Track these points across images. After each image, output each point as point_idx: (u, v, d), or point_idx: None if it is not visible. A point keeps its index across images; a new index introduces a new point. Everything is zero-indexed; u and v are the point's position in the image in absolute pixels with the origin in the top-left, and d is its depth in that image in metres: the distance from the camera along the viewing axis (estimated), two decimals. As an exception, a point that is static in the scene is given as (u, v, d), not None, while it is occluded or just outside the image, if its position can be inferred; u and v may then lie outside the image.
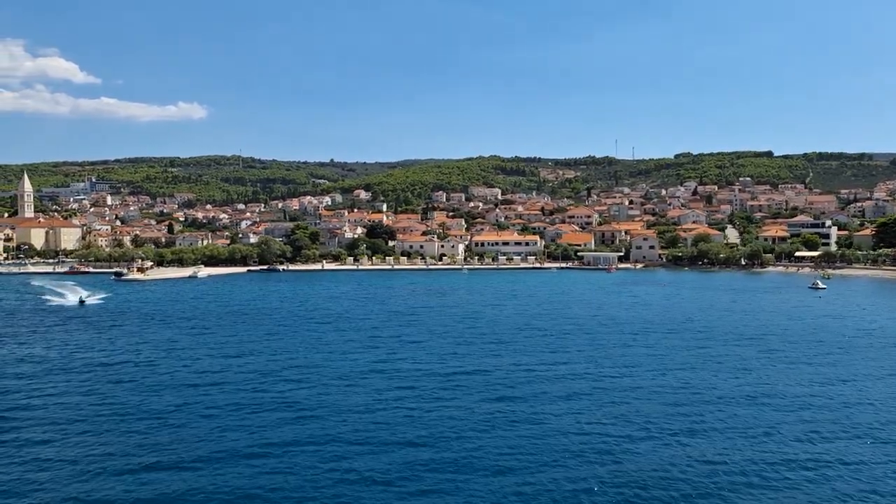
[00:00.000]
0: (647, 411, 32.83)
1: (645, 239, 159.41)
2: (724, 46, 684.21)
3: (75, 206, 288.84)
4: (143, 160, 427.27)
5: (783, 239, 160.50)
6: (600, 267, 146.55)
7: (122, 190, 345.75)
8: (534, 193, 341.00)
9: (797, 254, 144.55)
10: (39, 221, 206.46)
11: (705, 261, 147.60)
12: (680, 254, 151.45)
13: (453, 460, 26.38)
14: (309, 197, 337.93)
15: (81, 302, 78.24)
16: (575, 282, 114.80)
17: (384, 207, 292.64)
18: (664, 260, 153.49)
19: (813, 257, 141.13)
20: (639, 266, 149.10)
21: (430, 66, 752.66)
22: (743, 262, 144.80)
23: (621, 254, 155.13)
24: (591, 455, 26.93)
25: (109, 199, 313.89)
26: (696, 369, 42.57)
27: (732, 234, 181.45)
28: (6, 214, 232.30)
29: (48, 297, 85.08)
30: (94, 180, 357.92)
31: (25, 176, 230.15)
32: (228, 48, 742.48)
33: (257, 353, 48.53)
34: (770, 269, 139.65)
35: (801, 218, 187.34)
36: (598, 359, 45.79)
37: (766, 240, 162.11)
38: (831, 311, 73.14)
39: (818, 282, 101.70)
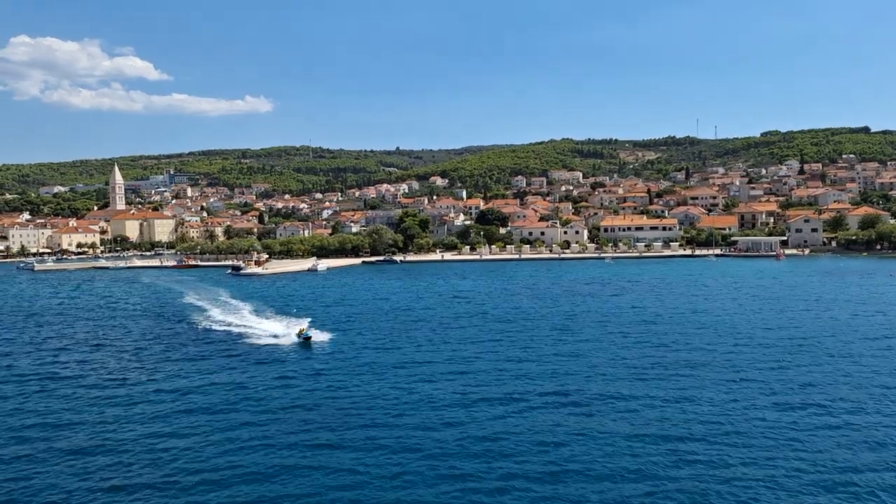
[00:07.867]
0: None
1: (806, 221, 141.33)
2: (805, 18, 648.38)
3: (157, 198, 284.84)
4: (215, 153, 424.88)
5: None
6: (762, 253, 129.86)
7: (199, 182, 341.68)
8: (616, 175, 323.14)
9: None
10: (133, 213, 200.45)
11: (885, 244, 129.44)
12: (854, 237, 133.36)
13: None
14: (385, 185, 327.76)
15: (307, 339, 46.68)
16: (762, 272, 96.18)
17: (463, 194, 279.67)
18: (833, 244, 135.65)
19: None
20: (806, 252, 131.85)
21: (493, 52, 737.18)
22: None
23: (784, 238, 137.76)
24: None
25: (190, 191, 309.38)
26: None
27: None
28: (95, 207, 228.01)
29: (209, 324, 55.83)
30: (171, 173, 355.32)
31: (116, 168, 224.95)
32: (291, 42, 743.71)
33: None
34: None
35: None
36: None
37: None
38: None
39: None
